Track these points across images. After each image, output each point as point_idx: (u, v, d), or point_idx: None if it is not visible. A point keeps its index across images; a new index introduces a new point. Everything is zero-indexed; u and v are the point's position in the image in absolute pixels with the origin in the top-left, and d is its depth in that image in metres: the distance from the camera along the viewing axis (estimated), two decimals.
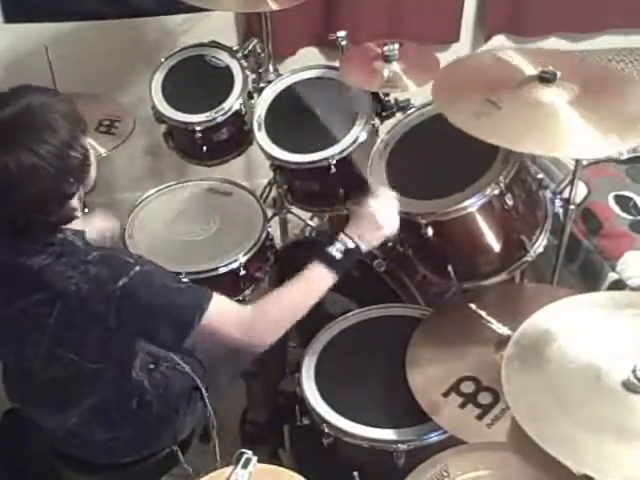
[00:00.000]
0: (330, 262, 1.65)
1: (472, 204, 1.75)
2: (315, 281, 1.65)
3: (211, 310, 1.53)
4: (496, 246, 1.85)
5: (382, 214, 1.72)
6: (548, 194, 1.89)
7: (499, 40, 3.05)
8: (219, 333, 1.57)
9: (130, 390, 1.68)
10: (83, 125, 1.53)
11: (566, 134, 1.60)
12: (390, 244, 1.91)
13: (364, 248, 1.70)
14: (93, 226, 1.89)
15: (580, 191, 2.16)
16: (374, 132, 2.15)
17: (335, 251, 1.66)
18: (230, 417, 2.30)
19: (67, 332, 1.53)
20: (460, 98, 1.71)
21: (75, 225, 1.55)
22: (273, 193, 2.60)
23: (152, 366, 1.78)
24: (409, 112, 2.06)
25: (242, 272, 2.07)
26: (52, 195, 1.47)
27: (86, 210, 2.05)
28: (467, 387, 1.70)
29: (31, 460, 2.05)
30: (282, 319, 1.63)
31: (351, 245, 1.68)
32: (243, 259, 2.07)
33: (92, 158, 1.56)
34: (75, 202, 1.53)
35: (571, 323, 1.36)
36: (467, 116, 1.65)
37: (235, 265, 2.06)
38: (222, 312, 1.57)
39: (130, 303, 1.49)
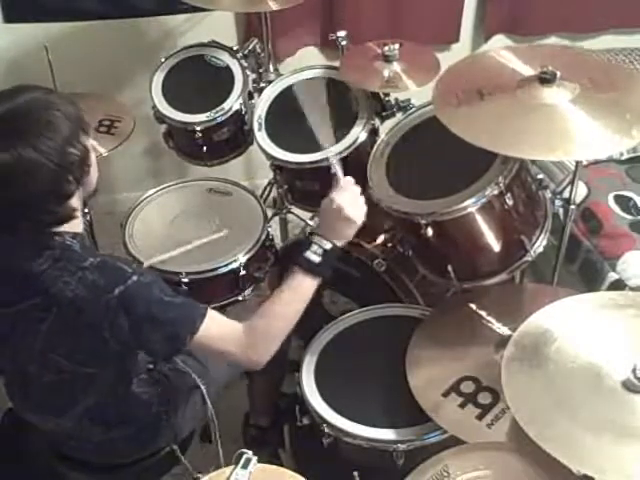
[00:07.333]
0: (310, 267, 1.65)
1: (472, 204, 1.74)
2: (300, 288, 1.65)
3: (205, 327, 1.53)
4: (496, 246, 1.85)
5: (349, 206, 1.70)
6: (548, 194, 1.89)
7: (499, 40, 3.05)
8: (215, 349, 1.58)
9: (128, 393, 1.68)
10: (85, 124, 1.52)
11: (565, 135, 1.59)
12: (390, 244, 1.91)
13: (341, 245, 1.70)
14: None
15: (580, 191, 2.16)
16: (374, 132, 2.15)
17: (313, 255, 1.66)
18: (231, 417, 2.30)
19: (60, 338, 1.52)
20: (455, 94, 1.72)
21: (75, 227, 1.54)
22: (273, 193, 2.60)
23: (151, 366, 1.78)
24: (409, 112, 2.06)
25: (242, 272, 2.07)
26: (51, 193, 1.46)
27: (86, 210, 2.07)
28: (467, 387, 1.70)
29: (31, 460, 2.05)
30: (275, 333, 1.62)
31: (328, 246, 1.67)
32: (243, 259, 2.07)
33: (93, 159, 1.55)
34: (75, 202, 1.52)
35: (571, 323, 1.36)
36: (450, 106, 1.66)
37: (235, 265, 2.06)
38: (217, 330, 1.57)
39: (125, 312, 1.48)
